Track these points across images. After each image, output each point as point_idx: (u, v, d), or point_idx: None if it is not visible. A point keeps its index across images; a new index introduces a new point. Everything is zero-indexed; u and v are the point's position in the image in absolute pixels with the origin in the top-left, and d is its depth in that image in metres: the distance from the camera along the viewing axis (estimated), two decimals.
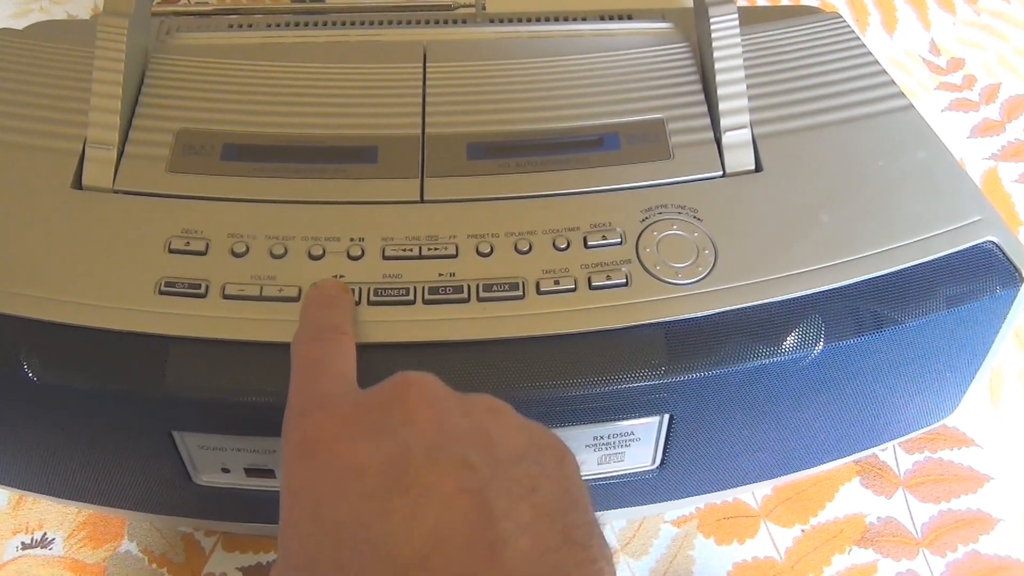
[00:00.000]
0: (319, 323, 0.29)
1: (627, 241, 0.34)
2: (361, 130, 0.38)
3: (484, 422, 0.25)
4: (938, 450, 0.47)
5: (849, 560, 0.43)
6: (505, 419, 0.26)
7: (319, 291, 0.31)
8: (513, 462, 0.24)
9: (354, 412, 0.25)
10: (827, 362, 0.32)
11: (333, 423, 0.24)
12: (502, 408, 0.26)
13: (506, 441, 0.24)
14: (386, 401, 0.25)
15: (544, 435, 0.26)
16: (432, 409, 0.25)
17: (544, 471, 0.24)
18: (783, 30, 0.43)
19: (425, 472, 0.22)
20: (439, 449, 0.23)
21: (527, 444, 0.25)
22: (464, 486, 0.22)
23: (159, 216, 0.34)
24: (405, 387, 0.25)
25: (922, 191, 0.36)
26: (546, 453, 0.25)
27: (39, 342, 0.31)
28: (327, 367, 0.27)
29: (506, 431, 0.25)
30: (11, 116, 0.37)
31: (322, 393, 0.26)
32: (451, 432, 0.24)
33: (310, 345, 0.28)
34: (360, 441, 0.23)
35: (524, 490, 0.23)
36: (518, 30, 0.44)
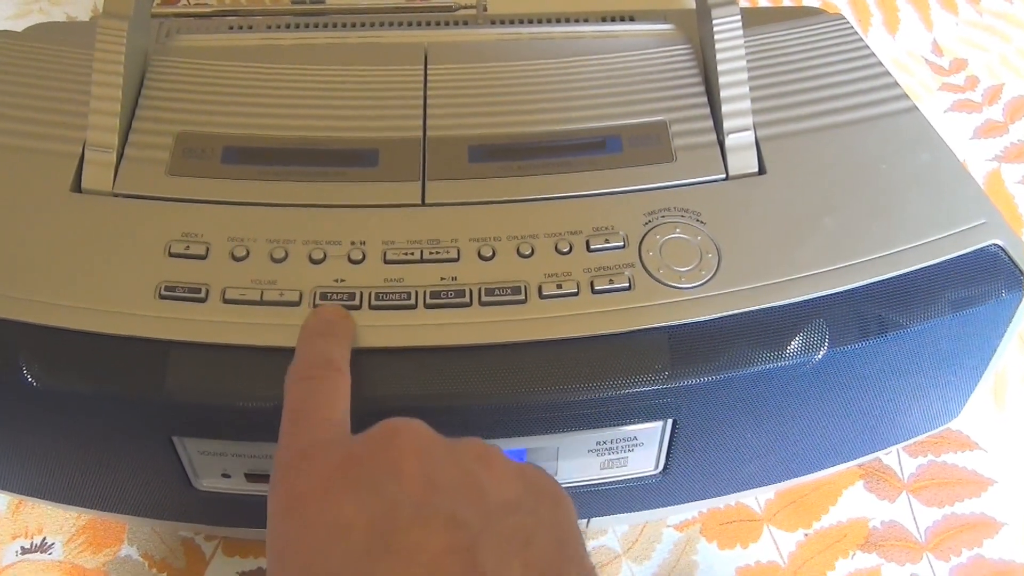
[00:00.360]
0: (313, 358, 0.28)
1: (630, 245, 0.34)
2: (362, 133, 0.37)
3: (474, 471, 0.24)
4: (942, 454, 0.46)
5: (853, 565, 0.43)
6: (496, 465, 0.25)
7: (317, 317, 0.30)
8: (505, 512, 0.23)
9: (340, 465, 0.24)
10: (831, 366, 0.32)
11: (319, 477, 0.24)
12: (492, 454, 0.25)
13: (498, 490, 0.24)
14: (372, 452, 0.24)
15: (538, 478, 0.25)
16: (420, 460, 0.24)
17: (538, 520, 0.23)
18: (786, 31, 0.43)
19: (412, 532, 0.22)
20: (427, 505, 0.23)
21: (521, 491, 0.24)
22: (452, 545, 0.21)
23: (159, 219, 0.34)
24: (392, 436, 0.25)
25: (926, 194, 0.36)
26: (541, 499, 0.24)
27: (39, 347, 0.31)
28: (315, 412, 0.26)
29: (498, 479, 0.24)
30: (10, 119, 0.37)
31: (308, 443, 0.25)
32: (439, 485, 0.23)
33: (300, 385, 0.28)
34: (346, 497, 0.23)
35: (517, 545, 0.22)
36: (519, 31, 0.44)
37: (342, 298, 0.32)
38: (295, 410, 0.27)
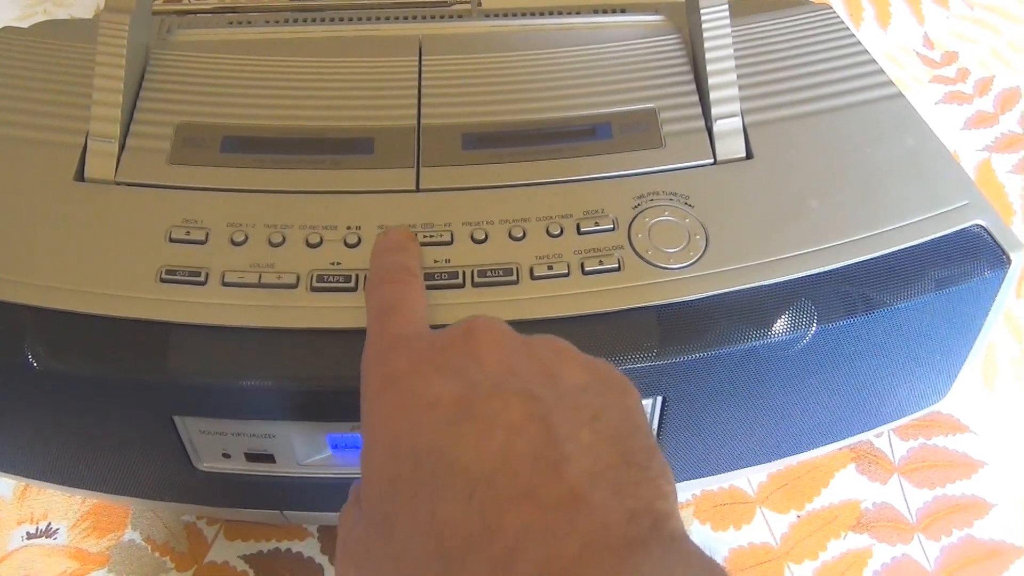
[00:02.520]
0: (390, 265, 0.31)
1: (619, 227, 0.34)
2: (358, 122, 0.38)
3: (548, 360, 0.26)
4: (933, 436, 0.47)
5: (844, 545, 0.43)
6: (568, 357, 0.27)
7: (388, 238, 0.33)
8: (575, 393, 0.25)
9: (427, 351, 0.26)
10: (817, 344, 0.33)
11: (408, 361, 0.26)
12: (565, 347, 0.27)
13: (569, 376, 0.26)
14: (456, 342, 0.26)
15: (607, 370, 0.27)
16: (498, 350, 0.26)
17: (606, 402, 0.25)
18: (773, 21, 0.44)
19: (493, 402, 0.24)
20: (505, 384, 0.25)
21: (590, 378, 0.26)
22: (529, 413, 0.23)
23: (160, 206, 0.35)
24: (473, 330, 0.27)
25: (910, 176, 0.36)
26: (609, 386, 0.26)
27: (42, 330, 0.31)
28: (399, 310, 0.29)
29: (570, 367, 0.26)
30: (15, 111, 0.38)
31: (397, 335, 0.28)
32: (516, 369, 0.25)
33: (382, 288, 0.30)
34: (433, 377, 0.25)
35: (586, 417, 0.24)
36: (512, 24, 0.45)
37: (338, 280, 0.32)
38: (379, 311, 0.29)
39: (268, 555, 0.43)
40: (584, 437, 0.23)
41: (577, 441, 0.23)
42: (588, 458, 0.23)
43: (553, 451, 0.23)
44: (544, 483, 0.22)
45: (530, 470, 0.22)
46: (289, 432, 0.34)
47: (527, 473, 0.22)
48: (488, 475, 0.22)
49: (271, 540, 0.43)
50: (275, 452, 0.35)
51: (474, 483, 0.22)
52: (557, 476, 0.22)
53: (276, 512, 0.39)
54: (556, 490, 0.22)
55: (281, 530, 0.43)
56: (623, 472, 0.23)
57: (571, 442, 0.23)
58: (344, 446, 0.35)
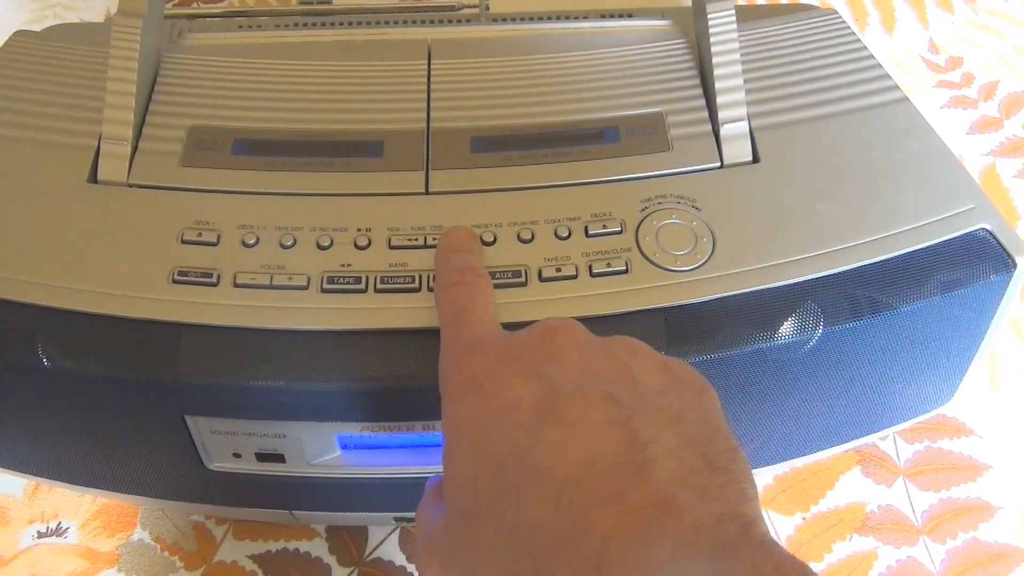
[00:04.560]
0: (456, 266, 0.31)
1: (627, 230, 0.35)
2: (367, 125, 0.39)
3: (626, 361, 0.26)
4: (938, 439, 0.47)
5: (850, 548, 0.44)
6: (645, 358, 0.27)
7: (450, 239, 0.33)
8: (655, 396, 0.25)
9: (506, 354, 0.26)
10: (824, 347, 0.33)
11: (487, 364, 0.26)
12: (641, 348, 0.27)
13: (648, 378, 0.26)
14: (534, 344, 0.27)
15: (684, 371, 0.27)
16: (577, 351, 0.26)
17: (685, 404, 0.25)
18: (779, 26, 0.44)
19: (575, 405, 0.24)
20: (586, 386, 0.25)
21: (668, 380, 0.26)
22: (611, 416, 0.24)
23: (172, 208, 0.35)
24: (552, 332, 0.27)
25: (916, 180, 0.37)
26: (687, 387, 0.26)
27: (55, 330, 0.32)
28: (472, 312, 0.29)
29: (647, 369, 0.26)
30: (29, 114, 0.39)
31: (474, 337, 0.28)
32: (595, 371, 0.26)
33: (453, 290, 0.30)
34: (513, 380, 0.25)
35: (667, 420, 0.24)
36: (520, 28, 0.45)
37: (348, 282, 0.33)
38: (453, 313, 0.29)
39: (277, 555, 0.43)
40: (667, 440, 0.23)
41: (660, 444, 0.23)
42: (672, 461, 0.23)
43: (637, 454, 0.23)
44: (630, 486, 0.22)
45: (616, 473, 0.22)
46: (299, 432, 0.34)
47: (613, 476, 0.22)
48: (574, 478, 0.22)
49: (279, 540, 0.43)
50: (285, 452, 0.35)
51: (560, 485, 0.22)
52: (642, 479, 0.22)
53: (285, 512, 0.40)
54: (643, 493, 0.22)
55: (289, 530, 0.44)
56: (707, 475, 0.23)
57: (654, 445, 0.23)
58: (353, 446, 0.35)
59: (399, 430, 0.34)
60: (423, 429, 0.34)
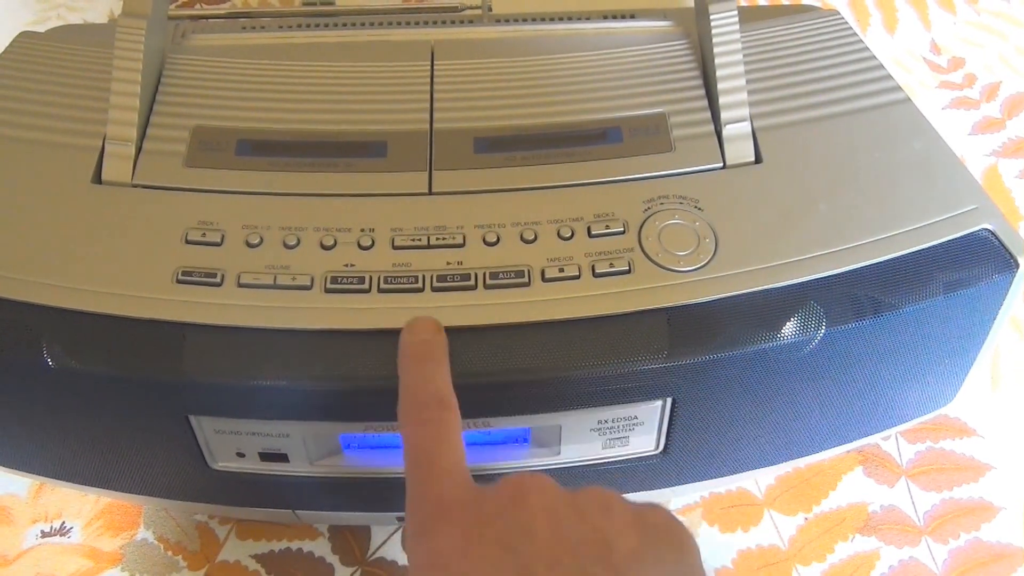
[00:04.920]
0: (424, 395, 0.29)
1: (630, 230, 0.35)
2: (371, 125, 0.39)
3: (599, 524, 0.25)
4: (940, 440, 0.47)
5: (852, 548, 0.44)
6: (618, 514, 0.26)
7: (413, 336, 0.31)
8: (632, 565, 0.24)
9: (476, 524, 0.25)
10: (826, 347, 0.33)
11: (456, 538, 0.25)
12: (614, 501, 0.27)
13: (623, 540, 0.25)
14: (504, 511, 0.26)
15: (660, 523, 0.26)
16: (548, 519, 0.25)
17: (664, 570, 0.25)
18: (782, 27, 0.44)
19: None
20: (559, 564, 0.24)
21: (643, 540, 0.25)
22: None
23: (176, 209, 0.35)
24: (522, 495, 0.26)
25: (919, 180, 0.37)
26: (663, 545, 0.26)
27: (60, 329, 0.32)
28: (439, 463, 0.28)
29: (621, 529, 0.26)
30: (34, 114, 0.39)
31: (440, 499, 0.27)
32: (568, 542, 0.25)
33: (417, 431, 0.29)
34: (484, 557, 0.24)
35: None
36: (523, 29, 0.46)
37: (352, 282, 0.33)
38: (418, 461, 0.28)
39: (280, 555, 0.43)
40: None
41: None
42: None
43: None
44: None
45: None
46: (303, 432, 0.34)
47: None
48: None
49: (282, 540, 0.43)
50: (289, 452, 0.35)
51: None
52: None
53: (288, 512, 0.40)
54: None
55: (292, 530, 0.44)
56: None
57: None
58: (356, 446, 0.35)
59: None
60: None
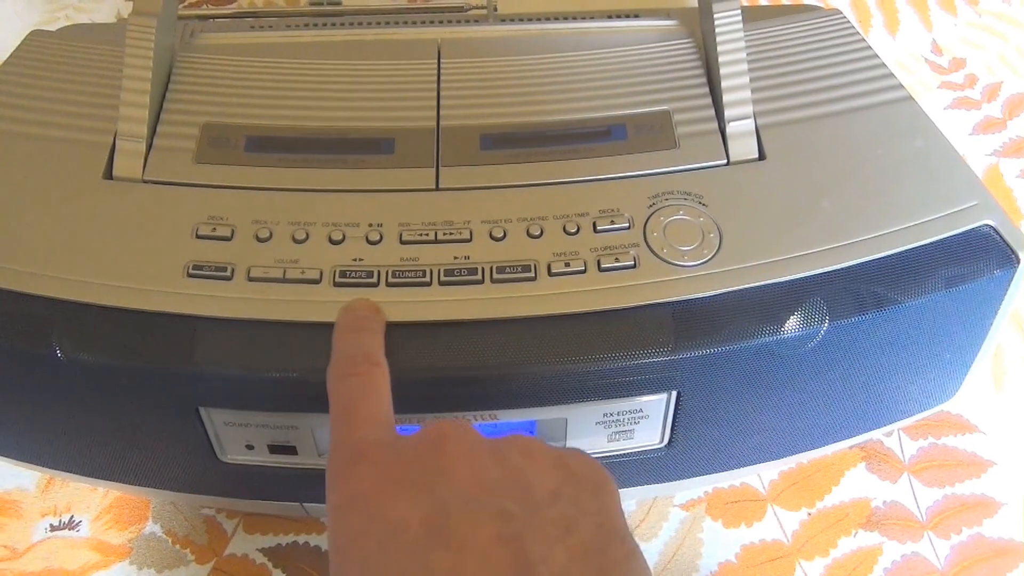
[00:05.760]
0: (351, 354, 0.30)
1: (635, 226, 0.35)
2: (379, 123, 0.39)
3: (519, 466, 0.26)
4: (942, 436, 0.48)
5: (855, 543, 0.44)
6: (538, 458, 0.26)
7: (350, 313, 0.31)
8: (549, 503, 0.25)
9: (394, 465, 0.26)
10: (829, 341, 0.34)
11: (373, 479, 0.25)
12: (533, 447, 0.27)
13: (541, 481, 0.25)
14: (423, 455, 0.26)
15: (580, 465, 0.27)
16: (467, 461, 0.26)
17: (580, 509, 0.25)
18: (784, 26, 0.45)
19: (463, 526, 0.23)
20: (475, 501, 0.24)
21: (563, 480, 0.26)
22: (501, 535, 0.23)
23: (186, 204, 0.35)
24: (441, 440, 0.26)
25: (920, 177, 0.37)
26: (582, 487, 0.26)
27: (72, 322, 0.32)
28: (363, 410, 0.28)
29: (540, 469, 0.26)
30: (45, 111, 0.39)
31: (361, 443, 0.27)
32: (487, 483, 0.25)
33: (344, 383, 0.29)
34: (401, 497, 0.24)
35: (560, 531, 0.24)
36: (528, 28, 0.46)
37: (360, 276, 0.33)
38: (343, 409, 0.28)
39: (287, 548, 0.43)
40: (558, 556, 0.23)
41: (550, 563, 0.23)
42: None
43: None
44: None
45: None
46: (311, 424, 0.34)
47: None
48: None
49: (290, 533, 0.44)
50: (297, 444, 0.35)
51: None
52: None
53: (296, 504, 0.40)
54: None
55: (300, 523, 0.44)
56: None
57: (544, 565, 0.23)
58: None
59: (409, 422, 0.35)
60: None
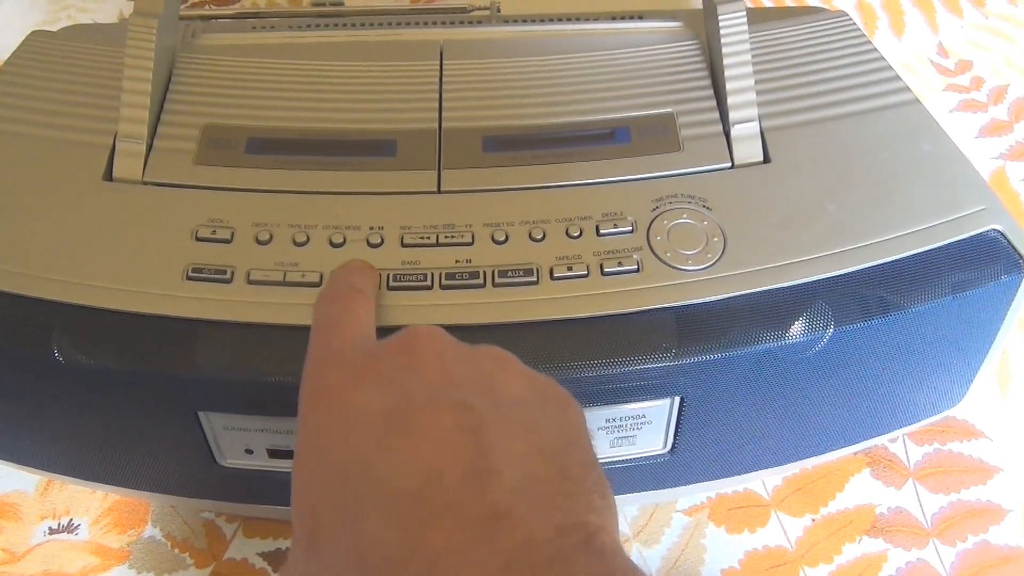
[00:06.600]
0: (340, 284, 0.31)
1: (638, 229, 0.35)
2: (380, 124, 0.39)
3: (489, 370, 0.26)
4: (948, 442, 0.47)
5: (860, 549, 0.44)
6: (510, 368, 0.27)
7: (345, 265, 0.33)
8: (513, 404, 0.25)
9: (364, 363, 0.26)
10: (834, 347, 0.33)
11: (343, 374, 0.26)
12: (507, 358, 0.27)
13: (509, 387, 0.25)
14: (393, 352, 0.26)
15: (549, 386, 0.27)
16: (438, 359, 0.26)
17: (545, 414, 0.25)
18: (790, 28, 0.44)
19: (425, 413, 0.23)
20: (440, 393, 0.24)
21: (531, 391, 0.26)
22: (461, 424, 0.23)
23: (186, 206, 0.35)
24: (413, 339, 0.26)
25: (927, 181, 0.37)
26: (550, 401, 0.26)
27: (70, 325, 0.32)
28: (343, 327, 0.28)
29: (510, 378, 0.26)
30: (45, 112, 0.39)
31: (336, 350, 0.27)
32: (454, 379, 0.25)
33: (329, 305, 0.30)
34: (368, 388, 0.24)
35: (521, 429, 0.24)
36: (531, 30, 0.46)
37: None
38: (325, 325, 0.29)
39: (287, 552, 0.43)
40: (517, 449, 0.23)
41: (509, 454, 0.22)
42: (518, 471, 0.22)
43: (482, 463, 0.22)
44: (469, 498, 0.21)
45: (457, 485, 0.21)
46: None
47: (454, 488, 0.21)
48: (414, 491, 0.21)
49: (289, 538, 0.43)
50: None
51: (398, 499, 0.21)
52: (483, 490, 0.21)
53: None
54: (480, 505, 0.21)
55: None
56: (556, 486, 0.22)
57: (501, 453, 0.22)
58: None
59: None
60: None
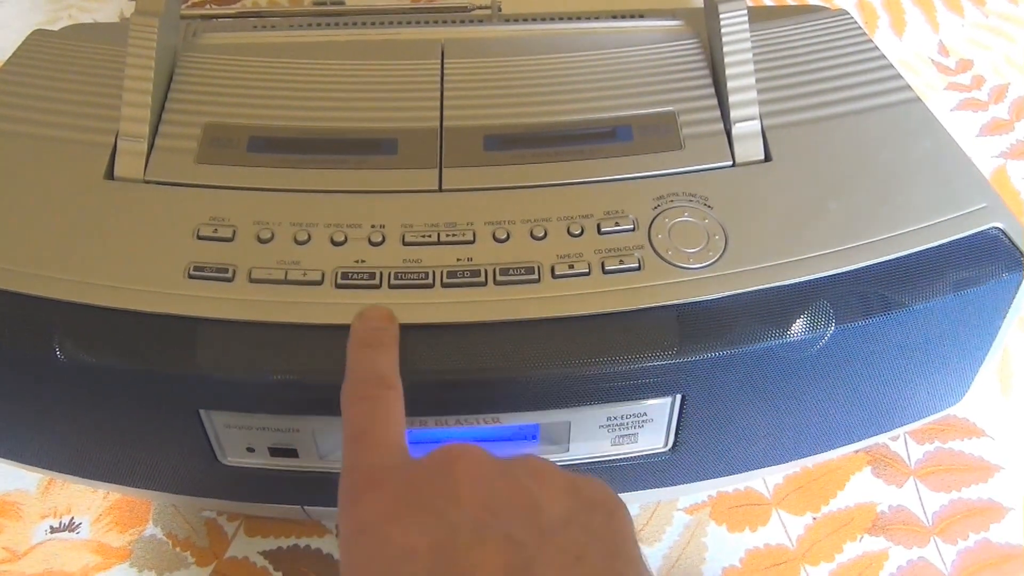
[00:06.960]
0: (365, 375, 0.29)
1: (639, 228, 0.35)
2: (382, 123, 0.39)
3: (529, 488, 0.25)
4: (949, 440, 0.47)
5: (860, 548, 0.44)
6: (549, 481, 0.26)
7: (364, 324, 0.31)
8: (559, 529, 0.24)
9: (404, 491, 0.25)
10: (835, 345, 0.33)
11: (384, 504, 0.25)
12: (545, 469, 0.27)
13: (551, 505, 0.25)
14: (433, 478, 0.26)
15: (592, 489, 0.26)
16: (477, 485, 0.25)
17: (591, 534, 0.24)
18: (791, 26, 0.44)
19: (472, 553, 0.23)
20: (485, 527, 0.24)
21: (575, 506, 0.25)
22: (510, 564, 0.23)
23: (188, 205, 0.35)
24: (451, 462, 0.26)
25: (928, 179, 0.37)
26: (594, 512, 0.25)
27: (72, 324, 0.32)
28: (375, 434, 0.28)
29: (551, 494, 0.25)
30: (47, 111, 0.39)
31: (371, 468, 0.27)
32: (496, 507, 0.25)
33: (357, 406, 0.29)
34: (411, 523, 0.24)
35: (570, 559, 0.23)
36: (532, 28, 0.46)
37: (363, 278, 0.33)
38: (356, 432, 0.28)
39: (288, 551, 0.43)
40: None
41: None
42: None
43: None
44: None
45: None
46: (312, 426, 0.34)
47: None
48: None
49: (291, 536, 0.43)
50: (298, 447, 0.35)
51: None
52: None
53: (297, 508, 0.40)
54: None
55: (301, 526, 0.44)
56: None
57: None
58: None
59: (411, 425, 0.34)
60: (435, 424, 0.34)
